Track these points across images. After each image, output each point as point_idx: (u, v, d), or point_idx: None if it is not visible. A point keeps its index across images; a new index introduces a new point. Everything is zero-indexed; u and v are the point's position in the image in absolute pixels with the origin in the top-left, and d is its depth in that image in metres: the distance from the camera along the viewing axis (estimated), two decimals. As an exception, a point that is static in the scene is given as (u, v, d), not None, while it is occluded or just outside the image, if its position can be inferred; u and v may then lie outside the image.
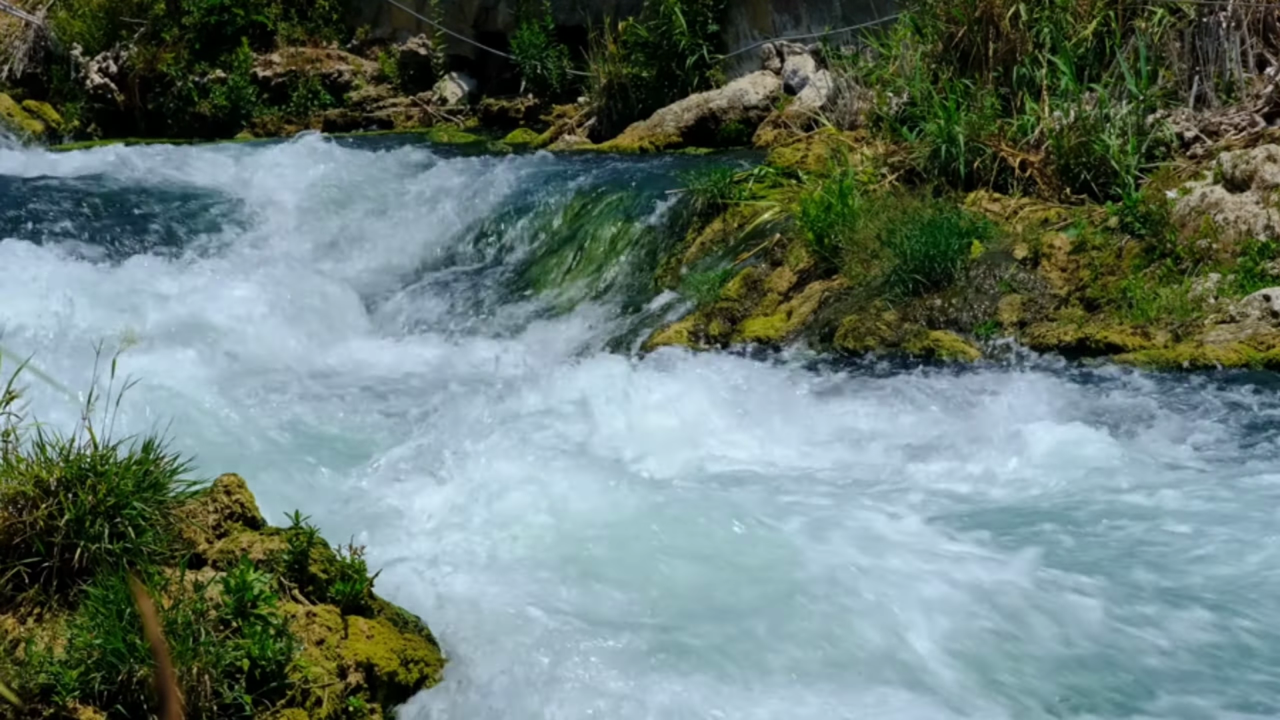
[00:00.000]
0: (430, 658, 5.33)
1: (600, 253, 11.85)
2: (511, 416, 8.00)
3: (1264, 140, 9.98)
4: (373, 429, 8.55)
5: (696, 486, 7.06)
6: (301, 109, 17.37)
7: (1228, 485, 7.11)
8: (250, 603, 5.00)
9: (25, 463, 5.12)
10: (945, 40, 11.53)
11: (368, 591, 5.33)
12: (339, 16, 18.05)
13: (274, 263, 12.40)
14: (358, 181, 13.99)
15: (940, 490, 7.27)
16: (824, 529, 6.46)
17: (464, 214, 12.95)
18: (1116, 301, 9.22)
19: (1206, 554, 6.37)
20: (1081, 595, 5.97)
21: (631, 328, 10.87)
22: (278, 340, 10.84)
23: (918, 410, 8.42)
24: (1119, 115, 10.33)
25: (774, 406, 8.40)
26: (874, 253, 9.98)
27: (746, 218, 11.29)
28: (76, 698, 4.78)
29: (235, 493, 5.46)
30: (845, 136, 11.97)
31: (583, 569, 6.14)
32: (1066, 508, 6.94)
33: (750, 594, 5.99)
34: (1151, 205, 9.62)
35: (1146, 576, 6.19)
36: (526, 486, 6.69)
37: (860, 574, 5.98)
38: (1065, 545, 6.50)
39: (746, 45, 14.92)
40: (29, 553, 5.04)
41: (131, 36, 17.85)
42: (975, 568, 6.14)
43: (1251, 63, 10.72)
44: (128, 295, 11.25)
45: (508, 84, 16.93)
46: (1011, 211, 10.28)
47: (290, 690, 4.98)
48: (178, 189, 13.91)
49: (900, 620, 5.70)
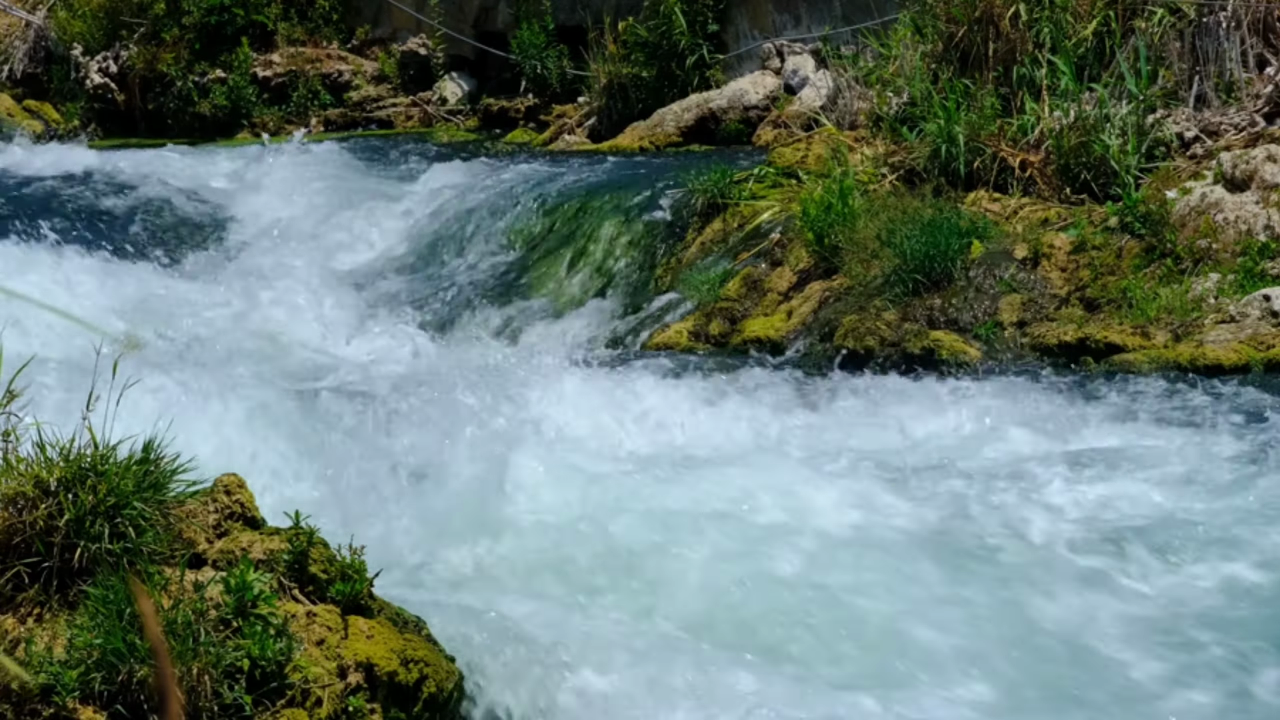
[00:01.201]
0: (431, 658, 5.33)
1: (600, 253, 11.84)
2: (508, 416, 8.00)
3: (1264, 140, 9.98)
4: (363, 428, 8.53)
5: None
6: (301, 109, 17.37)
7: (1228, 485, 7.11)
8: (250, 603, 5.00)
9: (25, 463, 5.11)
10: (945, 40, 11.53)
11: (368, 591, 5.33)
12: (339, 16, 18.05)
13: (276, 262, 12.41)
14: (357, 180, 14.01)
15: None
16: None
17: (463, 214, 12.94)
18: (1116, 301, 9.22)
19: (1209, 554, 6.37)
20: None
21: (631, 328, 10.87)
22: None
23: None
24: (1119, 115, 10.33)
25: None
26: (874, 253, 9.97)
27: (746, 218, 11.28)
28: (76, 698, 4.78)
29: (235, 492, 5.46)
30: (845, 136, 11.97)
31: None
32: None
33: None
34: (1151, 205, 9.62)
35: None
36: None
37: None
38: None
39: (746, 45, 14.92)
40: (29, 553, 5.04)
41: (131, 36, 17.84)
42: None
43: (1251, 63, 10.72)
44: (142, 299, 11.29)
45: (508, 84, 16.93)
46: (1011, 211, 10.28)
47: (290, 690, 4.98)
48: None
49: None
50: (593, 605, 6.14)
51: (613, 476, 7.15)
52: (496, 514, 6.76)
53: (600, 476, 7.10)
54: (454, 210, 13.03)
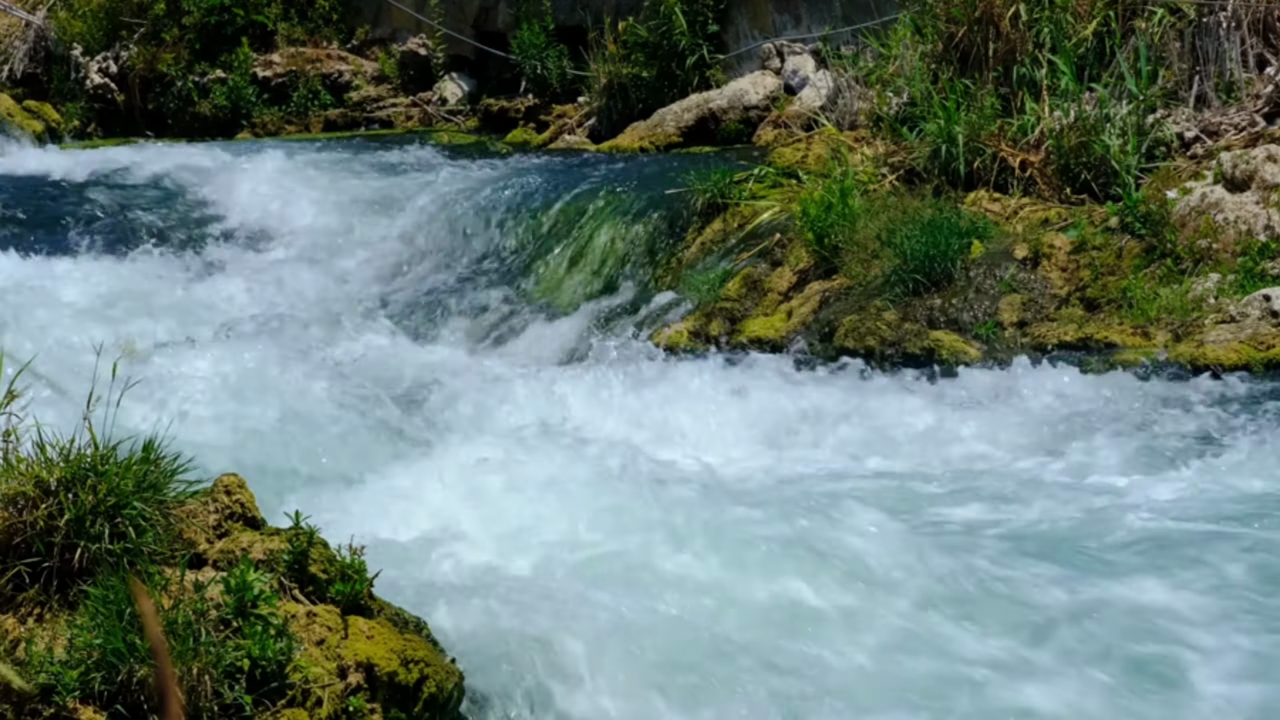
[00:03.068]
0: (431, 659, 5.33)
1: (600, 253, 11.84)
2: (506, 416, 8.01)
3: (1264, 140, 9.98)
4: (361, 428, 8.54)
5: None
6: (302, 109, 17.38)
7: (1226, 485, 7.11)
8: (250, 603, 5.00)
9: (25, 463, 5.11)
10: (945, 40, 11.53)
11: (368, 592, 5.33)
12: (339, 16, 18.05)
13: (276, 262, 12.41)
14: (355, 181, 14.01)
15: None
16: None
17: (463, 214, 12.94)
18: (1117, 301, 9.22)
19: (1209, 554, 6.37)
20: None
21: (631, 328, 10.87)
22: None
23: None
24: (1119, 115, 10.33)
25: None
26: (874, 253, 9.97)
27: (746, 218, 11.29)
28: (76, 698, 4.78)
29: (235, 493, 5.46)
30: (845, 136, 11.97)
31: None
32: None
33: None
34: (1151, 205, 9.62)
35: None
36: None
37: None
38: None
39: (746, 45, 14.92)
40: (29, 553, 5.04)
41: (131, 36, 17.85)
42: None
43: (1251, 63, 10.72)
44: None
45: (508, 84, 16.93)
46: (1011, 211, 10.28)
47: (290, 690, 4.98)
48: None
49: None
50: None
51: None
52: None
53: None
54: (451, 211, 13.02)
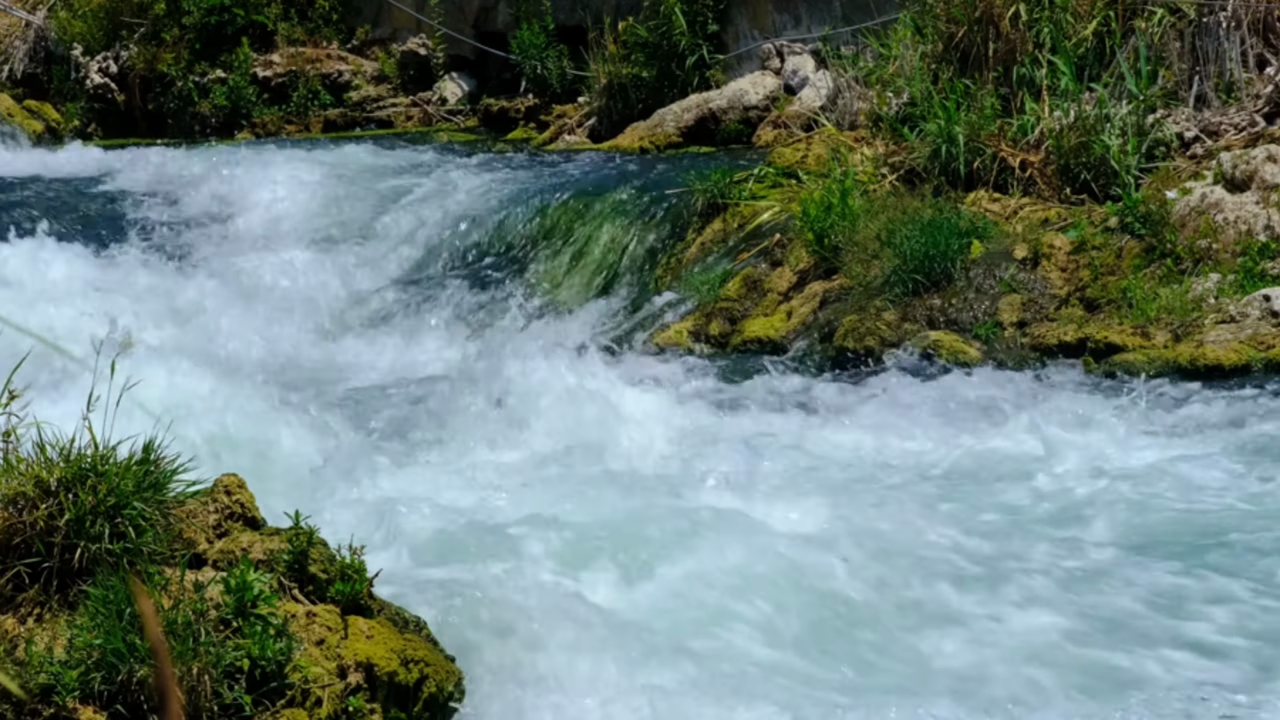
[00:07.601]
0: (431, 658, 5.33)
1: (600, 253, 11.84)
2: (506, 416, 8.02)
3: (1264, 140, 9.97)
4: (364, 429, 8.55)
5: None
6: (302, 109, 17.36)
7: (1227, 484, 7.11)
8: (250, 603, 5.00)
9: (25, 463, 5.11)
10: (945, 40, 11.53)
11: (367, 591, 5.33)
12: (339, 16, 18.04)
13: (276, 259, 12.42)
14: (355, 180, 14.00)
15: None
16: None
17: (462, 214, 12.92)
18: (1116, 301, 9.21)
19: (1212, 554, 6.38)
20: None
21: (631, 328, 10.86)
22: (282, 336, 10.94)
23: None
24: (1119, 115, 10.33)
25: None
26: (874, 253, 9.97)
27: (746, 218, 11.28)
28: (76, 698, 4.78)
29: (235, 493, 5.46)
30: (845, 136, 11.97)
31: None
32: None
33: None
34: (1151, 205, 9.62)
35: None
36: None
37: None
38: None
39: (746, 45, 14.91)
40: (29, 553, 5.04)
41: (131, 36, 17.84)
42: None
43: (1251, 63, 10.71)
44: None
45: (508, 84, 16.92)
46: (1011, 211, 10.28)
47: (290, 690, 4.98)
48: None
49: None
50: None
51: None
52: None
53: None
54: (451, 211, 13.01)
